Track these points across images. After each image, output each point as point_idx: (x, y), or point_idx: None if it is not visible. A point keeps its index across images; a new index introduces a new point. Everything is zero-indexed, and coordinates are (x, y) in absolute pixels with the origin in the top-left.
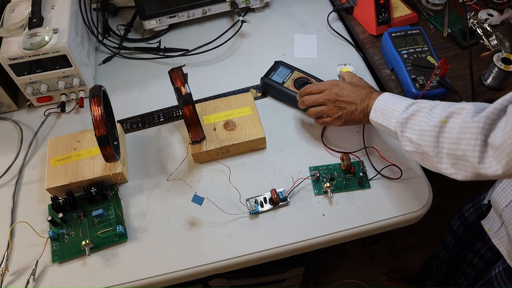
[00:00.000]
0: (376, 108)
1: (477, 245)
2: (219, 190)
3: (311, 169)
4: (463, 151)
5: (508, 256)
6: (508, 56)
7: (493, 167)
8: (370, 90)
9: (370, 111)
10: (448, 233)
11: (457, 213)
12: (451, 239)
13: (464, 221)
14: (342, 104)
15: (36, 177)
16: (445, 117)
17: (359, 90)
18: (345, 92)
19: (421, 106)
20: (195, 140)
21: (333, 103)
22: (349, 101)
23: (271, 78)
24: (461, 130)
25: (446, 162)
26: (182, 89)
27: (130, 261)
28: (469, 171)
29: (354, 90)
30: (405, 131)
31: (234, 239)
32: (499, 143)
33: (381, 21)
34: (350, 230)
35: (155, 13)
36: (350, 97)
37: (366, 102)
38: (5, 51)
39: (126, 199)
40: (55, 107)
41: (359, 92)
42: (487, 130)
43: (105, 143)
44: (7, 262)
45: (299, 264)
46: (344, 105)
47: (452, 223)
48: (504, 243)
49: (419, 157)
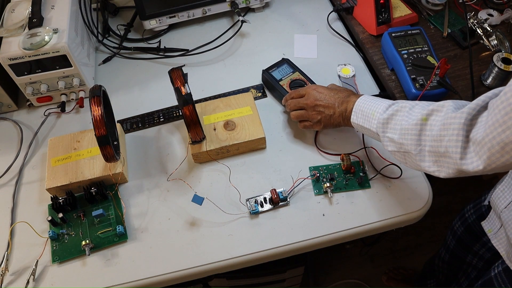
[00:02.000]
0: (356, 110)
1: (476, 246)
2: (219, 190)
3: (311, 169)
4: (445, 148)
5: (507, 257)
6: (508, 56)
7: (475, 163)
8: (348, 93)
9: (351, 114)
10: (449, 233)
11: (459, 213)
12: (451, 239)
13: (464, 221)
14: (320, 108)
15: (36, 177)
16: (426, 114)
17: (337, 93)
18: (322, 96)
19: (401, 106)
20: (195, 140)
21: (312, 107)
22: (327, 105)
23: (271, 72)
24: (442, 126)
25: (428, 160)
26: (182, 89)
27: (130, 261)
28: (452, 167)
29: (332, 93)
30: (387, 132)
31: (234, 239)
32: (480, 138)
33: (381, 21)
34: (350, 230)
35: (155, 13)
36: (328, 100)
37: (345, 105)
38: (5, 51)
39: (126, 199)
40: (55, 107)
41: (336, 96)
42: (468, 125)
43: (105, 143)
44: (7, 262)
45: (299, 264)
46: (322, 109)
47: (453, 223)
48: (503, 244)
49: (401, 157)
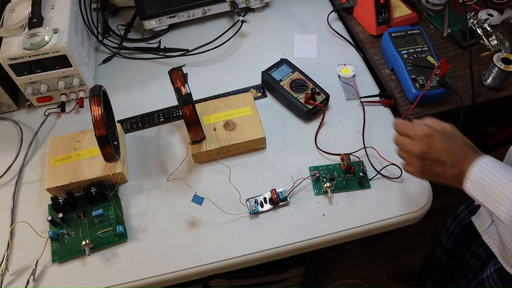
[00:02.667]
0: (473, 179)
1: (474, 246)
2: (219, 190)
3: (311, 169)
4: None
5: (500, 255)
6: (508, 56)
7: None
8: (466, 151)
9: (465, 180)
10: (444, 234)
11: (452, 214)
12: (447, 239)
13: (460, 222)
14: (426, 161)
15: (36, 177)
16: None
17: (454, 149)
18: (434, 150)
19: None
20: (195, 140)
21: (418, 157)
22: (437, 160)
23: (270, 73)
24: None
25: None
26: (182, 89)
27: (130, 261)
28: None
29: (448, 147)
30: None
31: (234, 239)
32: None
33: (381, 21)
34: (350, 230)
35: (155, 13)
36: (440, 155)
37: (459, 167)
38: (5, 51)
39: (126, 199)
40: (55, 107)
41: (453, 151)
42: None
43: (105, 143)
44: (7, 262)
45: (299, 264)
46: (429, 163)
47: (447, 224)
48: (495, 241)
49: None
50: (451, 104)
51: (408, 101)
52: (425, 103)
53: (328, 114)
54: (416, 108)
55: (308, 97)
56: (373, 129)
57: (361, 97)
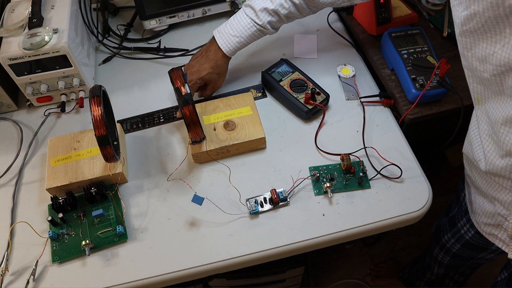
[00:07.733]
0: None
1: (482, 254)
2: (219, 190)
3: (311, 169)
4: None
5: None
6: None
7: None
8: None
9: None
10: (438, 250)
11: (437, 243)
12: (444, 255)
13: (448, 251)
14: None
15: (36, 177)
16: None
17: None
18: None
19: None
20: (195, 140)
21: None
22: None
23: (270, 73)
24: None
25: None
26: (182, 89)
27: (130, 261)
28: None
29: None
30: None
31: (234, 239)
32: None
33: (381, 21)
34: (350, 230)
35: (155, 13)
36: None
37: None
38: (5, 51)
39: (126, 199)
40: (55, 107)
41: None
42: None
43: (105, 143)
44: (7, 262)
45: (299, 264)
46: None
47: (434, 254)
48: None
49: None
50: (451, 104)
51: (408, 101)
52: (425, 103)
53: (328, 114)
54: (416, 108)
55: (308, 97)
56: (373, 129)
57: (361, 97)
